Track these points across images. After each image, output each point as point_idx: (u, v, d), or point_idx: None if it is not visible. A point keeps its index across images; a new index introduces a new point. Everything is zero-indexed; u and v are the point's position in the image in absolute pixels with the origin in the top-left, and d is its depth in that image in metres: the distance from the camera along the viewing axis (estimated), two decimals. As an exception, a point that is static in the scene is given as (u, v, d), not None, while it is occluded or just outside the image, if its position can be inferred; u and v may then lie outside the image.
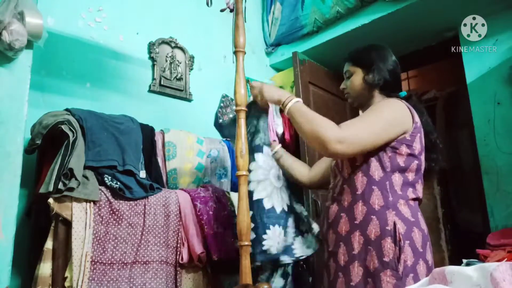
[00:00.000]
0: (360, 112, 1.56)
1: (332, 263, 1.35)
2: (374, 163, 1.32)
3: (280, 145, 1.73)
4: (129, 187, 1.68)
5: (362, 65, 1.48)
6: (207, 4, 1.75)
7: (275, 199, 1.52)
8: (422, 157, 1.37)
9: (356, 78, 1.48)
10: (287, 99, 1.41)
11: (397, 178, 1.30)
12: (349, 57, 1.54)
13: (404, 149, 1.31)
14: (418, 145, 1.33)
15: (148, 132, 1.97)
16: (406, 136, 1.31)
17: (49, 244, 1.48)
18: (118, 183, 1.66)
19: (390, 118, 1.30)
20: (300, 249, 1.53)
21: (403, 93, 1.48)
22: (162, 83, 2.39)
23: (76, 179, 1.51)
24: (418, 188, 1.35)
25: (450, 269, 0.68)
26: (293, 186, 1.68)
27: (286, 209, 1.54)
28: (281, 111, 1.48)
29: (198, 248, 1.77)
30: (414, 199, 1.33)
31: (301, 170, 1.71)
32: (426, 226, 1.33)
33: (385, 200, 1.28)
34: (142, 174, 1.83)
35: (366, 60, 1.47)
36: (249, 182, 1.49)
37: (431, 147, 1.43)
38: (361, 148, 1.27)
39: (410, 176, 1.32)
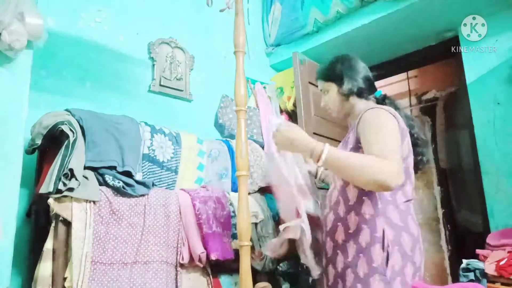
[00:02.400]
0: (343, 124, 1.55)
1: (331, 269, 1.40)
2: None
3: (322, 168, 1.71)
4: (130, 184, 1.69)
5: (333, 79, 1.53)
6: (207, 4, 1.75)
7: None
8: (410, 159, 1.39)
9: (332, 93, 1.54)
10: (318, 148, 1.25)
11: None
12: (319, 75, 1.60)
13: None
14: (405, 150, 1.36)
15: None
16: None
17: (49, 244, 1.48)
18: (120, 182, 1.67)
19: (394, 132, 1.28)
20: None
21: (379, 93, 1.54)
22: (162, 83, 2.39)
23: (76, 179, 1.51)
24: (407, 190, 1.37)
25: None
26: None
27: None
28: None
29: (199, 248, 1.77)
30: (404, 202, 1.35)
31: None
32: (417, 226, 1.36)
33: (375, 208, 1.31)
34: (139, 176, 1.83)
35: (335, 74, 1.53)
36: None
37: (415, 141, 1.45)
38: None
39: None
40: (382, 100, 1.52)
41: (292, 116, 2.85)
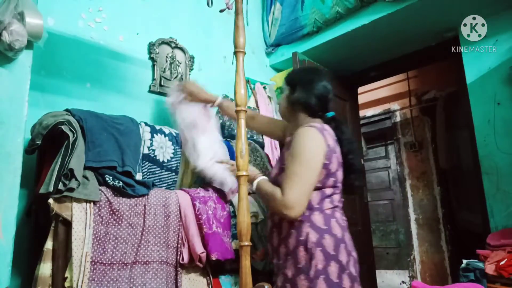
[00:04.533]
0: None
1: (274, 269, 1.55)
2: None
3: (220, 96, 1.99)
4: (130, 185, 1.69)
5: (289, 85, 1.61)
6: (208, 4, 1.75)
7: None
8: (339, 172, 1.48)
9: (284, 96, 1.62)
10: (254, 177, 1.53)
11: (314, 195, 1.43)
12: (285, 75, 1.68)
13: (321, 171, 1.42)
14: (334, 165, 1.45)
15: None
16: (324, 161, 1.43)
17: (49, 244, 1.48)
18: (120, 182, 1.67)
19: (312, 159, 1.41)
20: None
21: (330, 114, 1.57)
22: (162, 83, 2.39)
23: (76, 179, 1.51)
24: (335, 198, 1.48)
25: None
26: None
27: None
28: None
29: (199, 248, 1.77)
30: (330, 208, 1.46)
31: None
32: (341, 228, 1.45)
33: (303, 215, 1.42)
34: (139, 176, 1.82)
35: (293, 81, 1.60)
36: None
37: (349, 168, 1.53)
38: (306, 200, 1.40)
39: (328, 191, 1.45)
40: (329, 122, 1.55)
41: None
